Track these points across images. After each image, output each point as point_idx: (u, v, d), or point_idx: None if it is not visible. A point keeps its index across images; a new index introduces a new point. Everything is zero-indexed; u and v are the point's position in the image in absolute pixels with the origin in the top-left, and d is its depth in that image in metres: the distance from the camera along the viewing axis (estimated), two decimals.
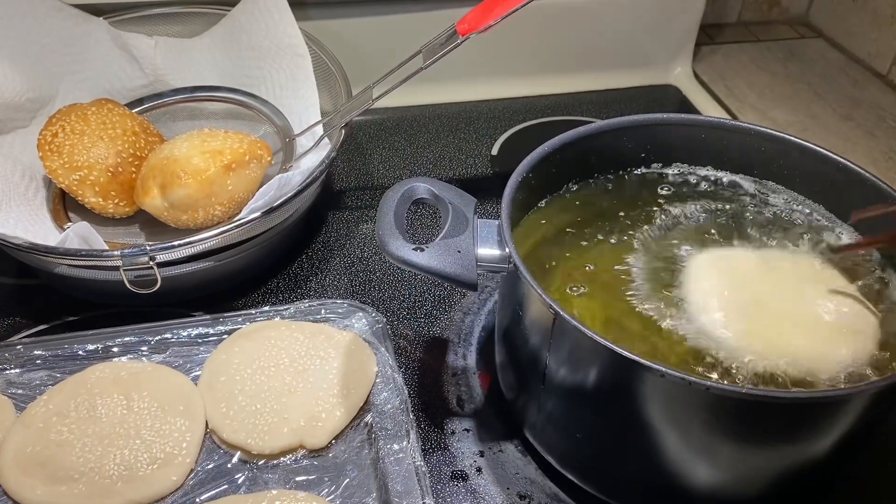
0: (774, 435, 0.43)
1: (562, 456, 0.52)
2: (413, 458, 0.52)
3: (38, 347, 0.58)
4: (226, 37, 0.79)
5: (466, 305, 0.67)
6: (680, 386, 0.41)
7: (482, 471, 0.54)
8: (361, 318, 0.62)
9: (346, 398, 0.55)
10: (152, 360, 0.59)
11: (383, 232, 0.49)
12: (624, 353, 0.41)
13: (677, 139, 0.60)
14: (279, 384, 0.56)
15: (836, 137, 0.91)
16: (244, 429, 0.54)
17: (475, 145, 0.88)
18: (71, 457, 0.51)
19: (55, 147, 0.66)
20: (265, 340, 0.59)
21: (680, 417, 0.44)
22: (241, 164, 0.64)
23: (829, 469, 0.47)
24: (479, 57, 0.92)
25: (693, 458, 0.45)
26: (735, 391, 0.40)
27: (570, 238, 0.55)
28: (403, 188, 0.52)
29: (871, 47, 1.03)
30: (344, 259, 0.72)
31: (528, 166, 0.54)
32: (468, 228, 0.51)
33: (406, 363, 0.62)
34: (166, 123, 0.79)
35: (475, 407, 0.58)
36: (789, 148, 0.57)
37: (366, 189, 0.81)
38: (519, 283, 0.48)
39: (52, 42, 0.76)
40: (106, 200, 0.67)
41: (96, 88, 0.78)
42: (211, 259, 0.62)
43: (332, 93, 0.76)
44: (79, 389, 0.55)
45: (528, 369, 0.51)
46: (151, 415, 0.54)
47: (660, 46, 0.99)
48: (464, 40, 0.63)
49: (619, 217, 0.57)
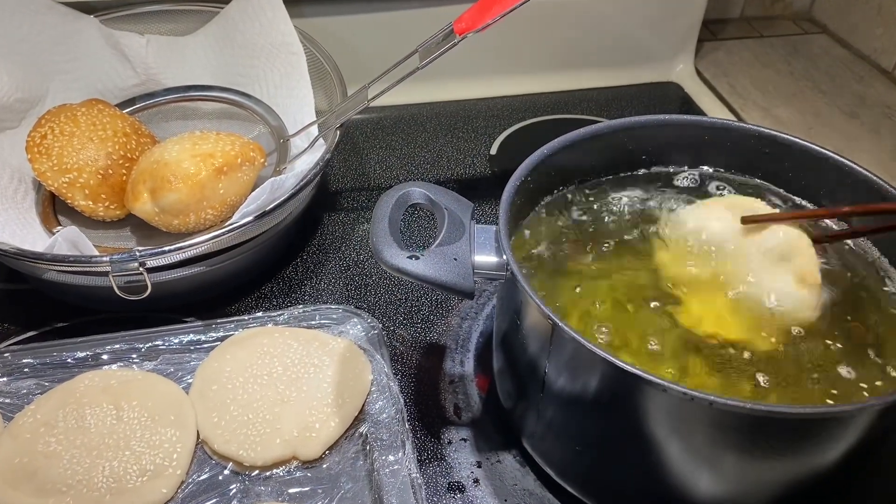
0: (778, 450, 0.42)
1: (561, 467, 0.51)
2: (409, 470, 0.51)
3: (26, 355, 0.57)
4: (219, 35, 0.78)
5: (464, 310, 0.65)
6: (682, 400, 0.40)
7: (479, 482, 0.53)
8: (357, 325, 0.61)
9: (341, 408, 0.54)
10: (143, 367, 0.58)
11: (377, 239, 0.48)
12: (625, 367, 0.40)
13: (679, 140, 0.58)
14: (272, 393, 0.55)
15: (841, 136, 0.89)
16: (236, 439, 0.52)
17: (474, 145, 0.86)
18: (59, 469, 0.50)
19: (44, 149, 0.65)
20: (258, 348, 0.58)
21: (682, 431, 0.42)
22: (233, 168, 0.63)
23: (834, 484, 0.46)
24: (478, 54, 0.90)
25: (695, 472, 0.44)
26: (740, 406, 0.39)
27: (570, 241, 0.54)
28: (398, 193, 0.51)
29: (876, 43, 1.02)
30: (339, 262, 0.71)
31: (526, 170, 0.52)
32: (465, 235, 0.50)
33: (402, 370, 0.61)
34: (158, 124, 0.77)
35: (472, 416, 0.57)
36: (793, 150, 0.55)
37: (362, 190, 0.80)
38: (516, 291, 0.46)
39: (42, 41, 0.74)
40: (96, 203, 0.66)
41: (87, 88, 0.76)
42: (203, 264, 0.61)
43: (328, 92, 0.75)
44: (67, 399, 0.54)
45: (527, 377, 0.49)
46: (141, 425, 0.53)
47: (661, 43, 0.97)
48: (461, 40, 0.62)
49: (618, 219, 0.55)
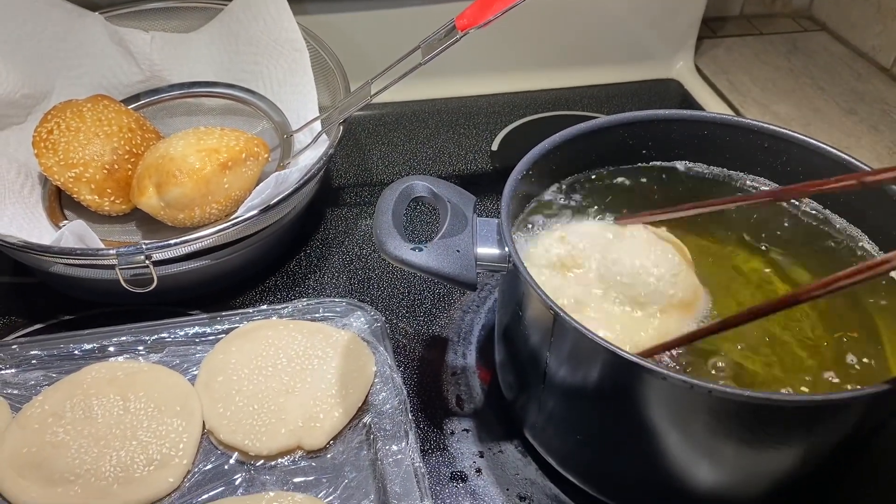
0: (777, 438, 0.42)
1: (562, 457, 0.52)
2: (412, 459, 0.51)
3: (34, 347, 0.58)
4: (223, 32, 0.79)
5: (466, 303, 0.66)
6: (682, 389, 0.40)
7: (482, 472, 0.54)
8: (360, 317, 0.61)
9: (345, 398, 0.55)
10: (149, 359, 0.58)
11: (381, 231, 0.48)
12: (626, 356, 0.41)
13: (680, 135, 0.59)
14: (277, 384, 0.56)
15: (840, 132, 0.90)
16: (241, 429, 0.53)
17: (475, 141, 0.87)
18: (66, 458, 0.51)
19: (50, 144, 0.65)
20: (263, 340, 0.58)
21: (682, 420, 0.43)
22: (238, 162, 0.63)
23: (832, 471, 0.46)
24: (480, 51, 0.91)
25: (694, 460, 0.45)
26: (738, 394, 0.39)
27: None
28: (401, 186, 0.51)
29: (875, 41, 1.02)
30: (342, 256, 0.71)
31: (528, 163, 0.53)
32: (467, 227, 0.50)
33: (405, 362, 0.61)
34: (163, 119, 0.78)
35: (475, 407, 0.58)
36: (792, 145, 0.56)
37: (365, 185, 0.80)
38: (519, 282, 0.47)
39: (48, 37, 0.75)
40: (102, 198, 0.66)
41: (92, 84, 0.77)
42: (208, 257, 0.61)
43: (331, 88, 0.75)
44: (75, 390, 0.55)
45: (529, 369, 0.50)
46: (148, 415, 0.54)
47: (661, 40, 0.98)
48: (463, 35, 0.62)
49: (618, 210, 0.56)
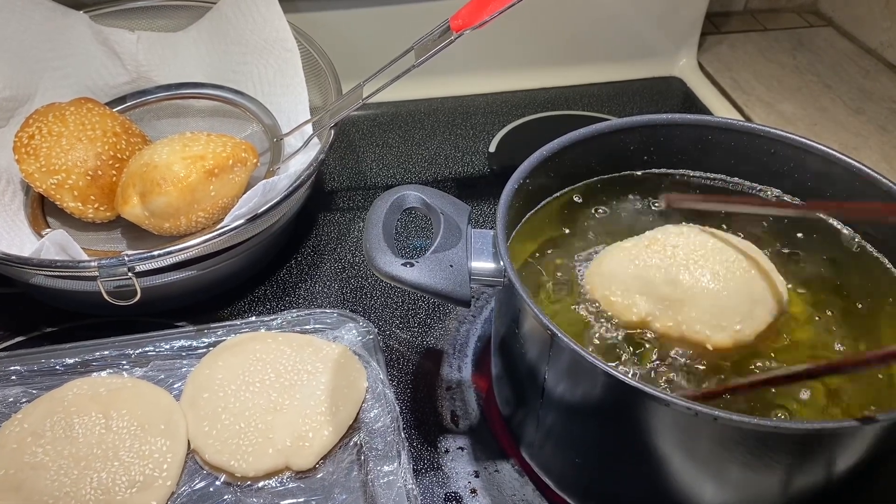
0: (782, 464, 0.40)
1: (560, 478, 0.50)
2: (404, 481, 0.49)
3: (14, 362, 0.56)
4: (211, 31, 0.76)
5: (462, 314, 0.64)
6: (686, 415, 0.38)
7: (477, 493, 0.52)
8: (352, 329, 0.59)
9: (335, 416, 0.53)
10: (133, 374, 0.56)
11: (371, 245, 0.46)
12: (628, 382, 0.39)
13: (682, 140, 0.57)
14: (264, 401, 0.54)
15: (847, 132, 0.88)
16: (228, 449, 0.51)
17: (472, 142, 0.85)
18: (46, 480, 0.49)
19: (32, 149, 0.63)
20: (250, 354, 0.56)
21: (685, 445, 0.41)
22: (225, 169, 0.61)
23: (840, 499, 0.44)
24: (476, 49, 0.89)
25: (697, 486, 0.43)
26: (745, 422, 0.37)
27: (569, 243, 0.53)
28: (392, 197, 0.49)
29: (882, 36, 1.00)
30: (335, 265, 0.69)
31: (523, 172, 0.51)
32: (461, 240, 0.48)
33: (398, 376, 0.59)
34: (150, 122, 0.76)
35: (470, 423, 0.56)
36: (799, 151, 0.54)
37: (358, 189, 0.78)
38: (515, 298, 0.45)
39: (31, 37, 0.72)
40: (85, 205, 0.64)
41: (77, 86, 0.75)
42: (194, 268, 0.60)
43: (322, 89, 0.73)
44: (55, 407, 0.53)
45: (526, 384, 0.48)
46: (131, 434, 0.52)
47: (664, 37, 0.95)
48: (457, 37, 0.60)
49: (619, 219, 0.54)
